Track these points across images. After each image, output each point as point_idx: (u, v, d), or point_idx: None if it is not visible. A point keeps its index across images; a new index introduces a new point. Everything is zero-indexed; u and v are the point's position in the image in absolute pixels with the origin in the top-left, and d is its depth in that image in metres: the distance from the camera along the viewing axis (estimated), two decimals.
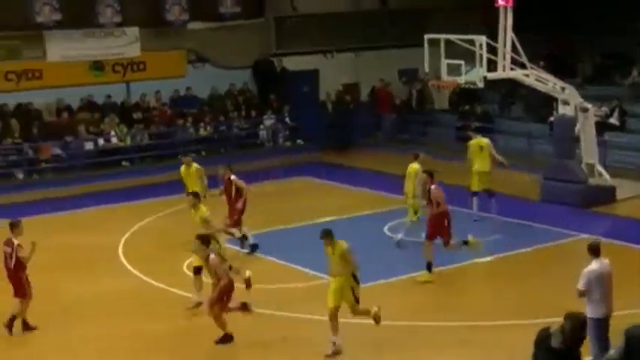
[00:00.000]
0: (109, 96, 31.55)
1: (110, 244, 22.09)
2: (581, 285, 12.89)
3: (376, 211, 24.40)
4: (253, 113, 33.12)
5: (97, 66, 31.10)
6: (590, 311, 12.72)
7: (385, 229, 22.44)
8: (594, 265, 12.96)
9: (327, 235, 15.04)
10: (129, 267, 20.32)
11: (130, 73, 31.75)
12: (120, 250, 21.69)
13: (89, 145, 30.31)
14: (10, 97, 30.00)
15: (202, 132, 32.01)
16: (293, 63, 34.42)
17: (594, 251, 13.11)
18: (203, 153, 31.43)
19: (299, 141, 33.52)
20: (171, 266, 19.99)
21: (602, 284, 12.90)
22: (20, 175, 28.91)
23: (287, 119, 33.50)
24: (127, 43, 31.42)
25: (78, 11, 30.38)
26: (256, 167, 30.60)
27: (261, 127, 33.02)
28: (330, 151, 32.94)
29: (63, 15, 29.87)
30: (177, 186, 27.89)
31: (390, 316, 15.58)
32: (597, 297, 12.87)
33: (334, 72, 35.00)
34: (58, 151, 29.74)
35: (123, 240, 22.57)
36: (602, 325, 12.89)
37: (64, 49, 30.43)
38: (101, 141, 30.51)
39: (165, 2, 31.57)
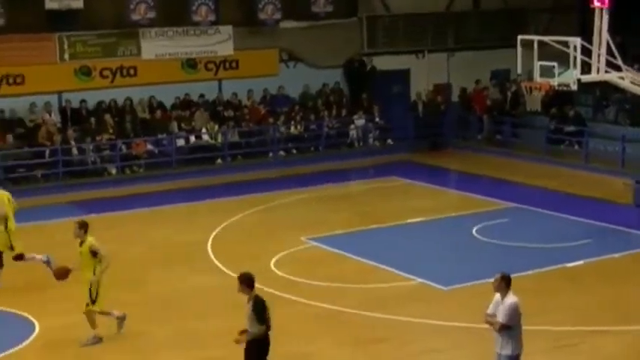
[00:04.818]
0: (202, 95, 31.88)
1: (199, 241, 22.29)
2: None
3: (466, 212, 24.19)
4: (344, 112, 33.12)
5: (190, 64, 31.45)
6: None
7: (474, 231, 22.23)
8: None
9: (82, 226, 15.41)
10: (217, 263, 20.46)
11: (222, 71, 32.03)
12: (209, 247, 21.87)
13: (181, 142, 30.68)
14: (104, 94, 30.54)
15: (293, 131, 32.14)
16: (384, 62, 34.31)
17: None
18: (294, 151, 31.65)
19: (389, 141, 33.41)
20: (258, 263, 20.08)
21: None
22: (113, 171, 29.36)
23: (377, 119, 33.42)
24: (220, 42, 31.69)
25: (172, 9, 30.82)
26: (346, 167, 30.74)
27: (352, 126, 33.00)
28: (420, 152, 32.75)
29: (158, 13, 30.34)
30: (267, 184, 28.26)
31: (480, 320, 15.35)
32: None
33: (425, 72, 34.79)
34: (150, 147, 30.15)
35: (212, 236, 22.74)
36: None
37: (158, 46, 30.83)
38: (193, 138, 30.86)
39: (258, 1, 31.77)
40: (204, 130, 30.90)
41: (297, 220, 24.19)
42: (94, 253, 15.52)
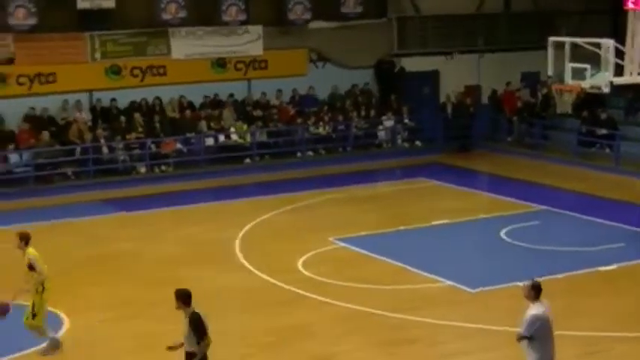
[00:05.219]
0: (231, 94, 31.96)
1: (227, 240, 22.32)
2: None
3: (494, 215, 24.08)
4: (372, 113, 33.08)
5: (220, 63, 31.53)
6: None
7: (502, 233, 22.12)
8: None
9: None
10: (245, 263, 20.48)
11: (251, 70, 32.08)
12: (236, 245, 21.90)
13: (210, 141, 30.76)
14: (134, 93, 30.68)
15: (321, 131, 32.13)
16: (414, 64, 34.24)
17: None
18: (322, 152, 31.65)
19: (418, 142, 33.33)
20: (286, 263, 20.12)
21: None
22: (142, 169, 29.48)
23: (406, 120, 33.35)
24: (249, 41, 31.75)
25: (203, 9, 30.92)
26: (374, 167, 30.69)
27: (380, 127, 32.97)
28: (449, 154, 32.64)
29: (188, 13, 30.44)
30: (295, 184, 28.28)
31: (507, 322, 15.32)
32: None
33: (455, 74, 34.67)
34: (179, 146, 30.24)
35: (240, 235, 22.77)
36: None
37: (188, 46, 30.93)
38: (221, 137, 30.94)
39: (288, 1, 31.80)
40: (232, 129, 30.97)
41: (325, 220, 24.17)
42: (31, 267, 15.03)
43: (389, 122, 32.98)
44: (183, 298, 12.16)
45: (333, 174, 29.77)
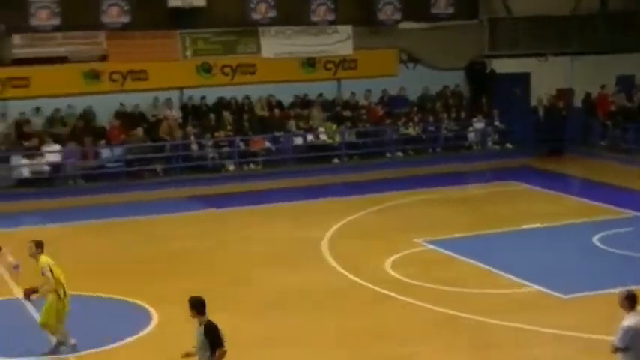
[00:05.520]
0: (320, 94, 31.94)
1: (314, 239, 22.29)
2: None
3: (586, 220, 23.58)
4: (463, 115, 32.77)
5: (309, 63, 31.52)
6: None
7: (595, 239, 21.63)
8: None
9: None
10: (332, 262, 20.41)
11: (341, 70, 32.00)
12: (324, 245, 21.84)
13: (298, 141, 30.78)
14: (224, 91, 30.88)
15: (411, 132, 31.92)
16: (505, 66, 33.83)
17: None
18: (411, 153, 31.46)
19: (508, 145, 32.90)
20: (373, 263, 19.98)
21: None
22: (231, 167, 29.64)
23: (497, 123, 32.95)
24: (338, 41, 31.67)
25: (292, 9, 30.94)
26: (463, 170, 30.44)
27: (470, 129, 32.63)
28: (540, 157, 32.18)
29: (278, 12, 30.49)
30: (384, 184, 28.16)
31: (602, 330, 14.92)
32: None
33: (547, 76, 34.10)
34: (268, 144, 30.31)
35: (328, 235, 22.72)
36: None
37: (278, 45, 30.98)
38: (310, 137, 30.93)
39: (378, 1, 31.65)
40: (321, 129, 30.95)
41: (414, 221, 24.01)
42: (43, 273, 14.98)
43: (479, 124, 32.64)
44: (198, 306, 11.64)
45: (422, 175, 29.60)
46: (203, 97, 30.67)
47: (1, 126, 28.88)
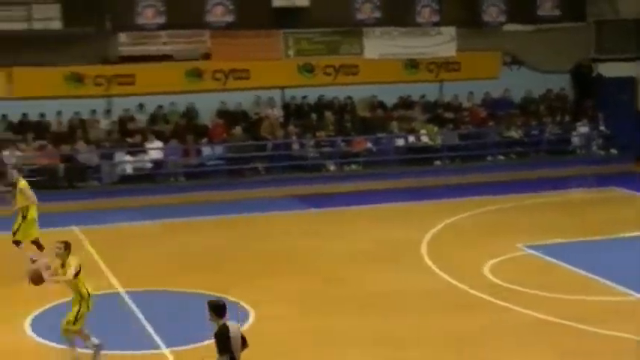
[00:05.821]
0: (423, 96, 31.83)
1: (414, 240, 22.21)
2: None
3: None
4: (567, 119, 32.27)
5: (413, 64, 31.42)
6: None
7: None
8: None
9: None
10: (430, 264, 20.31)
11: (443, 72, 31.85)
12: (423, 247, 21.75)
13: (400, 142, 30.71)
14: (326, 91, 30.99)
15: (514, 135, 31.58)
16: (610, 69, 33.17)
17: None
18: (513, 156, 31.12)
19: (613, 150, 32.31)
20: (472, 267, 19.82)
21: None
22: (332, 167, 29.73)
23: (602, 127, 32.37)
24: (441, 43, 31.54)
25: (397, 10, 30.90)
26: (566, 174, 29.98)
27: (574, 133, 32.13)
28: None
29: (382, 13, 30.48)
30: (485, 187, 27.90)
31: None
32: None
33: None
34: (369, 145, 30.32)
35: (427, 237, 22.62)
36: None
37: (382, 46, 30.99)
38: (411, 138, 30.83)
39: (482, 3, 31.41)
40: (423, 131, 30.83)
41: (514, 226, 23.75)
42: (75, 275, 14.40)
43: (583, 128, 32.13)
44: (216, 309, 11.37)
45: (524, 179, 29.29)
46: (305, 97, 30.83)
47: (105, 122, 29.47)
